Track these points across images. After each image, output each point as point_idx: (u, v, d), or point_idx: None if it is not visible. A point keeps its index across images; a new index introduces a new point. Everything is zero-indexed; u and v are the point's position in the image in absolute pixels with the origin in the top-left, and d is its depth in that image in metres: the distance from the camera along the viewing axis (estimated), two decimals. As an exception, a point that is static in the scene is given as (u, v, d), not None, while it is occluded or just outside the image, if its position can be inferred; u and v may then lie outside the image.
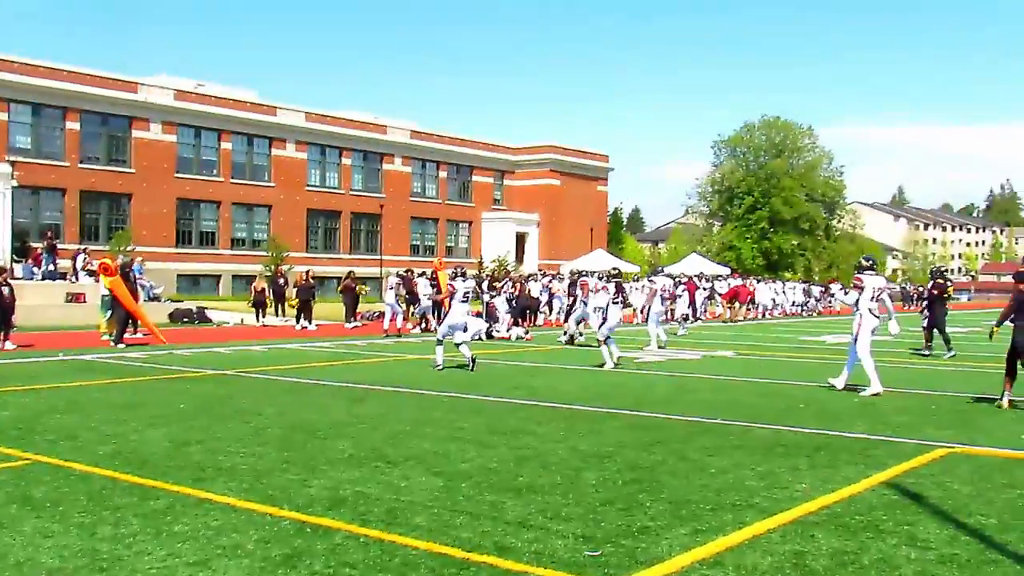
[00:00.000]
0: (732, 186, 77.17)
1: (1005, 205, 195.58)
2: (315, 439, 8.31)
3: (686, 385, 12.88)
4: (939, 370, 15.79)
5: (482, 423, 9.25)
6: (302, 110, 51.79)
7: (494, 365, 15.77)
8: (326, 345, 19.89)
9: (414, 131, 57.80)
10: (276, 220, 49.83)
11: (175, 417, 9.51)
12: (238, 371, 14.16)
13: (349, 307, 26.23)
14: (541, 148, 63.10)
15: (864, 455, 7.73)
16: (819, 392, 12.12)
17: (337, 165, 53.60)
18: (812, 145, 79.16)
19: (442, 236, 59.46)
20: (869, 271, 12.62)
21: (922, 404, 10.99)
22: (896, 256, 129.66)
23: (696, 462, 7.38)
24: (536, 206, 62.50)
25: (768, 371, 15.11)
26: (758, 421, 9.51)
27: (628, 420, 9.57)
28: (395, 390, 11.98)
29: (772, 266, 73.83)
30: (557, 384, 12.84)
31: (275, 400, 10.89)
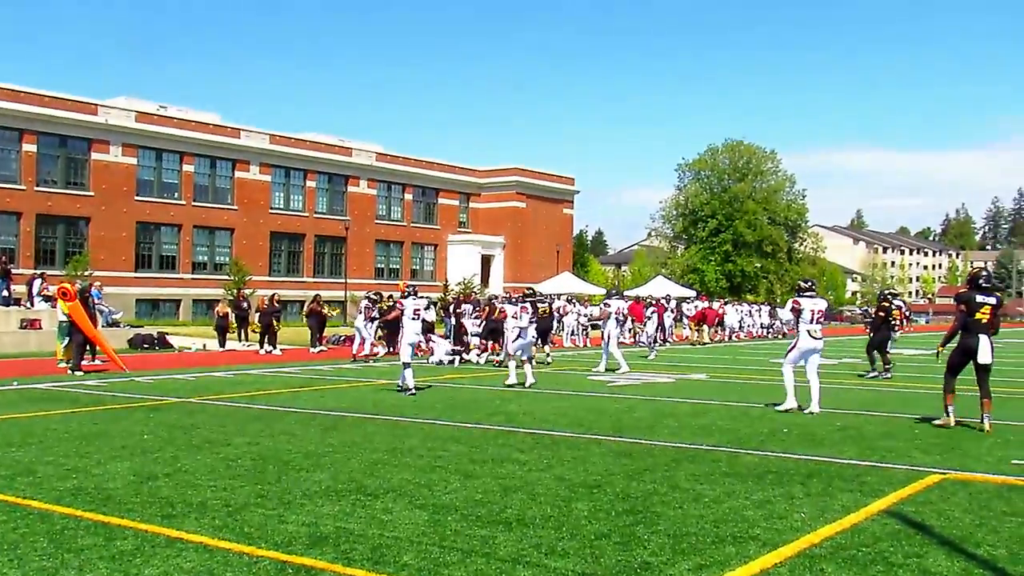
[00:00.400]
0: (696, 209, 77.59)
1: (960, 229, 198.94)
2: (289, 470, 7.95)
3: (664, 409, 12.65)
4: (910, 393, 15.69)
5: (462, 451, 8.94)
6: (266, 132, 51.38)
7: (466, 390, 15.46)
8: (292, 371, 19.44)
9: (379, 153, 57.56)
10: (239, 243, 49.25)
11: (139, 448, 9.09)
12: (203, 398, 13.72)
13: (315, 331, 25.80)
14: (507, 171, 63.09)
15: (858, 482, 7.52)
16: (798, 416, 11.94)
17: (301, 188, 53.18)
18: (775, 169, 79.82)
19: (407, 259, 59.14)
20: (808, 294, 12.82)
21: (905, 428, 10.83)
22: (856, 279, 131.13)
23: (688, 491, 7.12)
24: (501, 229, 62.39)
25: (743, 394, 14.93)
26: (743, 447, 9.29)
27: (612, 446, 9.30)
28: (368, 417, 11.63)
29: (735, 288, 74.17)
30: (534, 409, 12.55)
31: (244, 429, 10.49)
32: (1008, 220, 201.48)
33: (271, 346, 24.82)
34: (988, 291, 11.03)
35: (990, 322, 10.89)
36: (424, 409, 12.48)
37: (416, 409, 12.47)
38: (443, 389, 15.65)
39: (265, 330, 24.82)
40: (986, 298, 10.90)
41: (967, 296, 11.05)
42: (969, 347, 10.79)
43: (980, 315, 10.79)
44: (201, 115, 49.81)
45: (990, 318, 10.84)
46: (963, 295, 11.24)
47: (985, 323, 10.82)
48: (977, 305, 10.83)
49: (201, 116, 49.63)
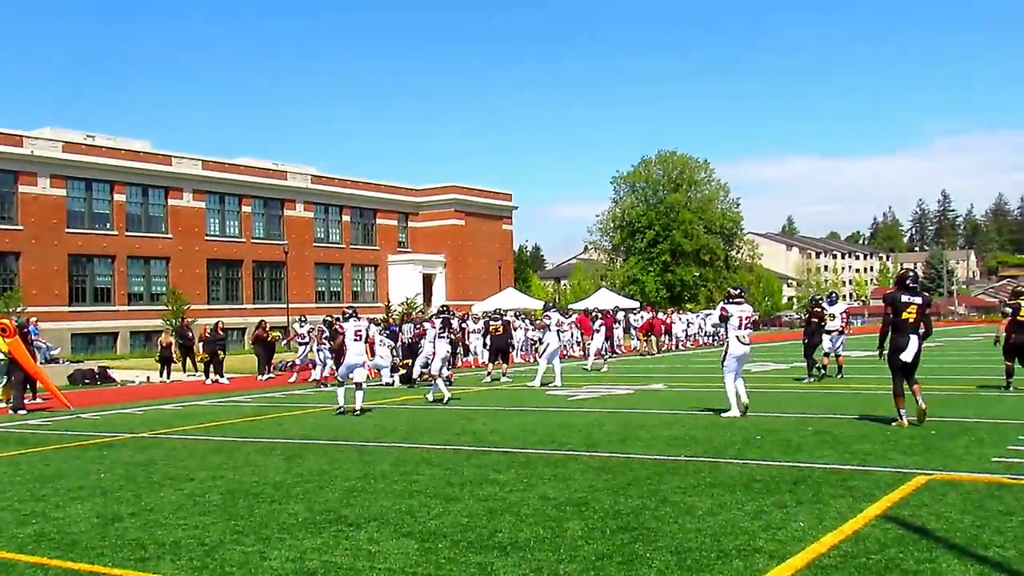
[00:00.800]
0: (633, 221, 78.10)
1: (888, 232, 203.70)
2: (261, 503, 7.61)
3: (632, 421, 12.50)
4: (868, 395, 15.77)
5: (437, 474, 8.67)
6: (198, 158, 50.56)
7: (424, 411, 15.16)
8: (242, 399, 18.94)
9: (315, 176, 57.01)
10: (175, 272, 48.27)
11: (98, 488, 8.65)
12: (154, 433, 13.22)
13: (262, 358, 25.21)
14: (444, 188, 62.93)
15: (845, 487, 7.43)
16: (767, 422, 11.88)
17: (237, 213, 52.37)
18: (708, 178, 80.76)
19: (347, 281, 58.55)
20: (736, 300, 13.00)
21: (876, 430, 10.81)
22: (791, 284, 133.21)
23: (678, 504, 6.95)
24: (442, 247, 62.14)
25: (706, 403, 14.81)
26: (722, 456, 9.18)
27: (588, 462, 9.11)
28: (331, 444, 11.29)
29: (675, 298, 74.71)
30: (500, 427, 12.31)
31: (204, 462, 10.09)
32: (934, 222, 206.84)
33: (218, 375, 24.20)
34: (914, 291, 11.26)
35: (917, 321, 11.09)
36: (387, 432, 12.18)
37: (379, 433, 12.16)
38: (401, 411, 15.33)
39: (211, 359, 24.19)
40: (911, 298, 11.12)
41: (892, 296, 11.29)
42: (899, 346, 11.07)
43: (907, 315, 11.01)
44: (131, 143, 48.83)
45: (917, 317, 11.04)
46: (888, 296, 11.49)
47: (912, 322, 11.04)
48: (903, 305, 11.07)
49: (131, 144, 48.66)
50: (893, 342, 11.18)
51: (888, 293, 11.66)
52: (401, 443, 11.04)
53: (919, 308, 11.08)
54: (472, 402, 16.44)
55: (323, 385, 21.59)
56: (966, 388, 16.20)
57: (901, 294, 11.19)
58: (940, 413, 12.32)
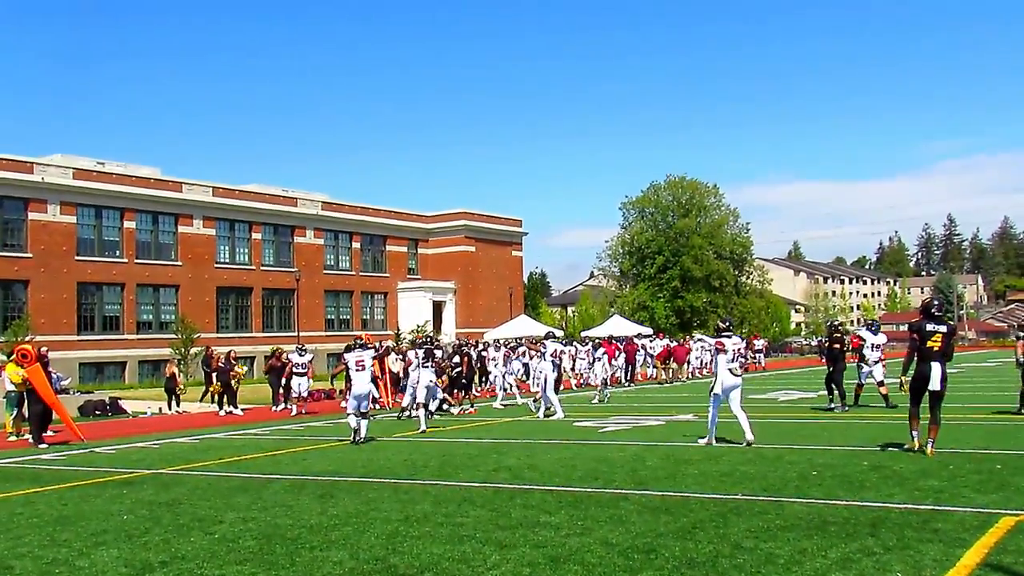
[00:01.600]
0: (642, 246, 77.60)
1: (895, 257, 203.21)
2: (301, 549, 7.11)
3: (674, 455, 11.98)
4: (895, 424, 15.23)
5: (484, 516, 8.16)
6: (209, 185, 50.28)
7: (452, 443, 14.64)
8: (258, 432, 18.44)
9: (325, 202, 56.70)
10: (184, 300, 47.88)
11: (123, 532, 8.16)
12: (174, 469, 12.73)
13: (275, 388, 24.61)
14: (454, 215, 62.60)
15: (930, 531, 6.90)
16: (816, 455, 11.37)
17: (247, 240, 52.02)
18: (718, 203, 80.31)
19: (357, 309, 58.11)
20: (726, 333, 13.21)
21: (936, 464, 10.29)
22: (799, 310, 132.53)
23: (755, 551, 6.44)
24: (451, 274, 61.72)
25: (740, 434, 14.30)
26: (782, 494, 8.66)
27: (642, 501, 8.59)
28: (362, 481, 10.78)
29: (685, 324, 74.10)
30: (535, 463, 11.79)
31: (231, 502, 9.58)
32: (940, 246, 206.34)
33: (231, 406, 23.70)
34: (939, 319, 11.39)
35: (942, 349, 11.20)
36: (419, 469, 11.67)
37: (411, 469, 11.65)
38: (428, 444, 14.81)
39: (225, 389, 23.69)
40: (937, 326, 11.25)
41: (918, 325, 11.38)
42: (923, 374, 11.19)
43: (932, 343, 11.15)
44: (141, 169, 48.59)
45: (942, 345, 11.15)
46: (915, 324, 11.58)
47: (937, 350, 11.16)
48: (928, 334, 11.21)
49: (141, 171, 48.41)
50: (918, 370, 11.30)
51: (915, 321, 11.70)
52: (437, 480, 10.52)
53: (944, 336, 11.20)
54: (500, 435, 15.93)
55: None
56: (1009, 417, 15.63)
57: (927, 323, 11.28)
58: (995, 445, 11.85)
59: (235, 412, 23.42)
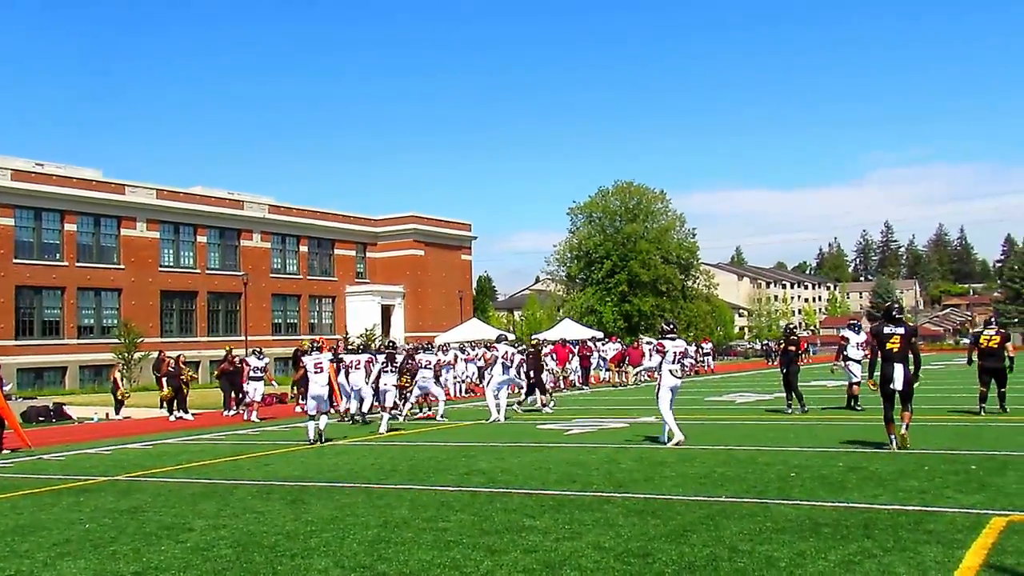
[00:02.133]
0: (590, 251, 77.75)
1: (834, 262, 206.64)
2: (281, 558, 6.82)
3: (647, 457, 11.86)
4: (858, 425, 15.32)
5: (466, 521, 7.94)
6: (152, 187, 49.30)
7: (416, 447, 14.36)
8: (212, 437, 17.95)
9: (272, 205, 55.91)
10: (127, 304, 46.83)
11: (87, 541, 7.79)
12: (131, 476, 12.28)
13: (227, 392, 24.01)
14: (403, 219, 62.16)
15: (924, 531, 6.84)
16: (790, 457, 11.33)
17: (192, 243, 51.06)
18: (665, 209, 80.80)
19: (304, 313, 57.37)
20: (670, 336, 13.58)
21: (912, 464, 10.30)
22: (743, 314, 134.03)
23: (753, 554, 6.31)
24: (400, 278, 61.26)
25: (712, 437, 14.26)
26: (766, 496, 8.57)
27: (625, 505, 8.44)
28: (331, 486, 10.48)
29: (632, 328, 74.39)
30: (507, 466, 11.58)
31: (197, 509, 9.23)
32: (877, 252, 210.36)
33: (181, 411, 23.11)
34: (898, 322, 11.75)
35: (902, 350, 11.54)
36: (388, 473, 11.39)
37: (380, 474, 11.37)
38: (392, 448, 14.51)
39: (175, 394, 23.10)
40: (895, 328, 11.65)
41: (877, 329, 11.89)
42: (887, 376, 11.57)
43: (891, 344, 11.54)
44: (82, 171, 47.43)
45: (901, 346, 11.51)
46: (874, 327, 12.15)
47: (897, 351, 11.51)
48: (886, 336, 11.62)
49: (81, 172, 47.26)
50: (882, 371, 11.69)
51: (874, 325, 12.26)
52: (410, 485, 10.27)
53: (902, 337, 11.56)
54: (464, 438, 15.68)
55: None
56: (971, 418, 15.80)
57: (884, 326, 11.73)
58: (964, 445, 11.94)
59: (185, 417, 22.84)
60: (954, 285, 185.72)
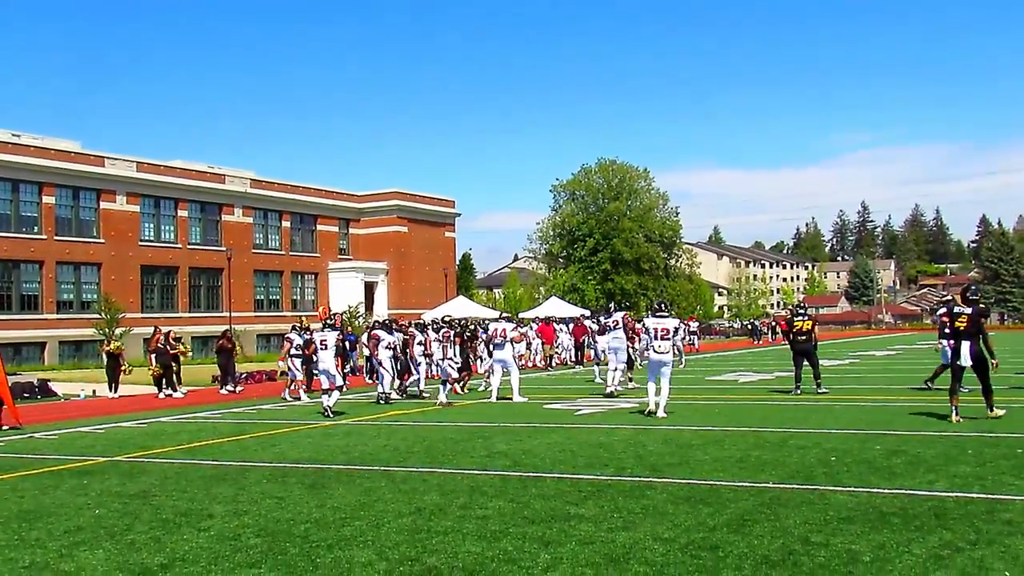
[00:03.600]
0: (573, 229, 77.33)
1: (811, 242, 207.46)
2: (317, 549, 6.35)
3: (672, 439, 11.45)
4: (879, 406, 15.01)
5: (504, 508, 7.49)
6: (132, 159, 48.25)
7: (427, 427, 13.88)
8: (206, 415, 17.41)
9: (254, 180, 54.97)
10: (107, 279, 45.91)
11: (101, 529, 7.28)
12: (131, 456, 11.76)
13: (224, 369, 23.43)
14: (386, 195, 61.38)
15: (1002, 522, 6.45)
16: (821, 440, 10.96)
17: (172, 218, 50.13)
18: (648, 187, 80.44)
19: (287, 289, 56.61)
20: (660, 314, 14.63)
21: (953, 448, 9.95)
22: (722, 293, 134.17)
23: (830, 547, 5.90)
24: (383, 254, 60.56)
25: (729, 418, 13.89)
26: (814, 482, 8.18)
27: (669, 490, 8.01)
28: (349, 468, 10.01)
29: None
30: (527, 448, 11.13)
31: (211, 493, 8.74)
32: (854, 232, 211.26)
33: (171, 388, 22.50)
34: (970, 303, 12.60)
35: (968, 328, 12.43)
36: (404, 455, 10.92)
37: (396, 455, 10.90)
38: (403, 429, 14.03)
39: (165, 371, 22.47)
40: (964, 308, 12.58)
41: (951, 308, 13.04)
42: (955, 351, 12.67)
43: (959, 323, 12.53)
44: (60, 143, 46.33)
45: (968, 324, 12.40)
46: (949, 307, 13.41)
47: (964, 329, 12.44)
48: (956, 315, 12.67)
49: (60, 144, 46.15)
50: (952, 348, 12.89)
51: (949, 304, 13.65)
52: (431, 468, 9.81)
53: (970, 317, 12.44)
54: (472, 418, 15.23)
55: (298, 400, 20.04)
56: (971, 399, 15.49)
57: (955, 306, 12.82)
58: (1002, 428, 11.61)
59: (174, 395, 22.24)
60: (930, 265, 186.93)
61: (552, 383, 23.66)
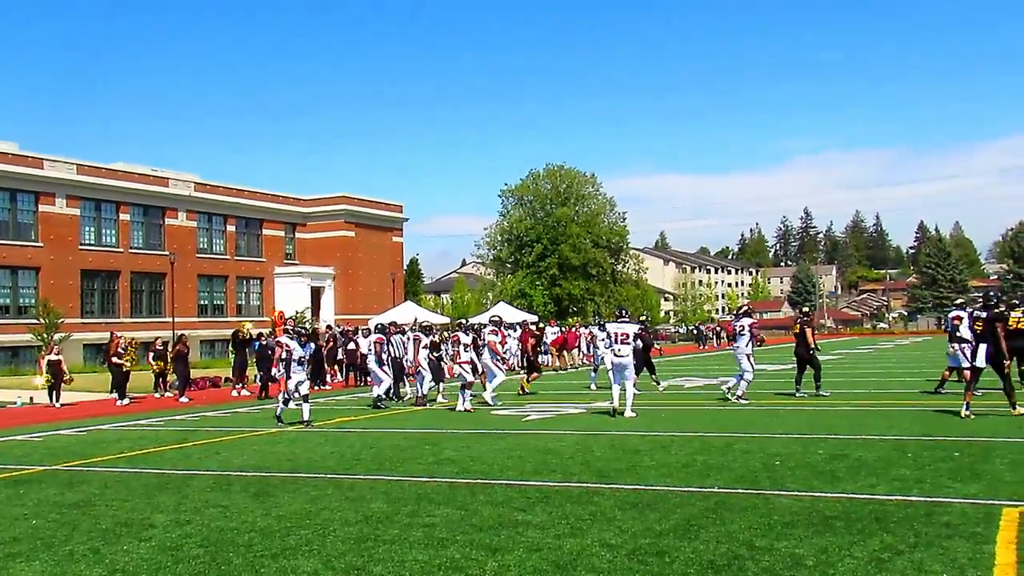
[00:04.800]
0: (521, 234, 77.42)
1: (755, 248, 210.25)
2: (261, 559, 6.27)
3: (620, 444, 11.51)
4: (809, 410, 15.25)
5: (453, 515, 7.46)
6: (72, 162, 47.31)
7: (375, 435, 13.79)
8: (148, 423, 17.10)
9: (198, 183, 54.20)
10: (45, 283, 44.92)
11: (37, 540, 7.11)
12: (70, 465, 11.51)
13: (182, 376, 23.01)
14: (334, 199, 60.93)
15: (940, 524, 6.57)
16: (765, 444, 11.08)
17: (114, 221, 49.21)
18: (595, 193, 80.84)
19: (232, 294, 55.89)
20: (621, 320, 15.59)
21: (892, 452, 10.12)
22: (668, 298, 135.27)
23: (774, 552, 5.96)
24: (330, 259, 60.10)
25: (675, 423, 14.00)
26: (759, 487, 8.27)
27: (617, 496, 8.05)
28: (295, 476, 9.90)
29: (563, 312, 74.38)
30: (476, 454, 11.11)
31: (153, 502, 8.58)
32: (797, 238, 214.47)
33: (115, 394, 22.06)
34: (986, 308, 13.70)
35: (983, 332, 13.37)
36: (351, 462, 10.83)
37: (343, 463, 10.81)
38: (349, 436, 13.92)
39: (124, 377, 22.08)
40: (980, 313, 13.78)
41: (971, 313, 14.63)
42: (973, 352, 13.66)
43: (977, 326, 13.63)
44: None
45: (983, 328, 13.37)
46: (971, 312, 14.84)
47: (980, 333, 13.45)
48: (973, 319, 14.05)
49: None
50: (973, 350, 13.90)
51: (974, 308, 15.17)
52: (378, 475, 9.74)
53: (985, 321, 13.41)
54: (419, 424, 15.16)
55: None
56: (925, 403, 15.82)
57: (975, 311, 14.32)
58: (939, 431, 11.83)
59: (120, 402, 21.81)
60: (870, 271, 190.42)
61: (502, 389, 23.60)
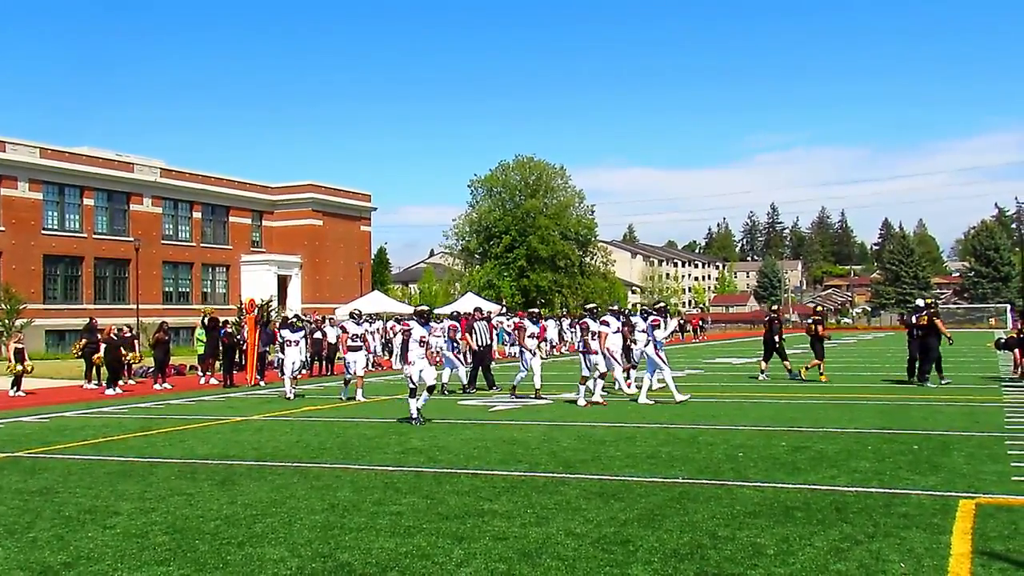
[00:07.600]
0: (490, 225, 77.40)
1: (722, 242, 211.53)
2: (228, 546, 6.27)
3: (586, 435, 11.60)
4: (771, 403, 15.44)
5: (418, 504, 7.50)
6: (35, 145, 46.65)
7: (341, 424, 13.78)
8: (112, 410, 16.97)
9: (164, 169, 53.65)
10: (7, 268, 44.31)
11: (0, 526, 7.07)
12: (33, 452, 11.41)
13: (160, 363, 22.79)
14: (301, 187, 60.57)
15: (898, 516, 6.71)
16: (729, 436, 11.21)
17: (78, 206, 48.61)
18: (564, 185, 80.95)
19: (197, 282, 55.44)
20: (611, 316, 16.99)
21: (853, 443, 10.29)
22: (635, 291, 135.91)
23: (736, 541, 6.07)
24: (297, 247, 59.78)
25: (641, 415, 14.12)
26: (722, 478, 8.38)
27: (582, 486, 8.13)
28: (260, 465, 9.87)
29: (530, 303, 74.42)
30: (442, 444, 11.15)
31: (117, 490, 8.54)
32: (763, 233, 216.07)
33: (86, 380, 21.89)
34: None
35: None
36: (317, 451, 10.84)
37: (308, 451, 10.81)
38: (315, 424, 13.90)
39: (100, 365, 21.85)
40: None
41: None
42: None
43: None
44: (-42, 126, 44.55)
45: None
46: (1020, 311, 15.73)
47: None
48: None
49: (-42, 127, 44.38)
50: None
51: None
52: (344, 464, 9.75)
53: None
54: (388, 414, 15.14)
55: None
56: (889, 397, 16.06)
57: None
58: (897, 424, 12.02)
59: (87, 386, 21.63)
60: (835, 267, 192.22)
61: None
